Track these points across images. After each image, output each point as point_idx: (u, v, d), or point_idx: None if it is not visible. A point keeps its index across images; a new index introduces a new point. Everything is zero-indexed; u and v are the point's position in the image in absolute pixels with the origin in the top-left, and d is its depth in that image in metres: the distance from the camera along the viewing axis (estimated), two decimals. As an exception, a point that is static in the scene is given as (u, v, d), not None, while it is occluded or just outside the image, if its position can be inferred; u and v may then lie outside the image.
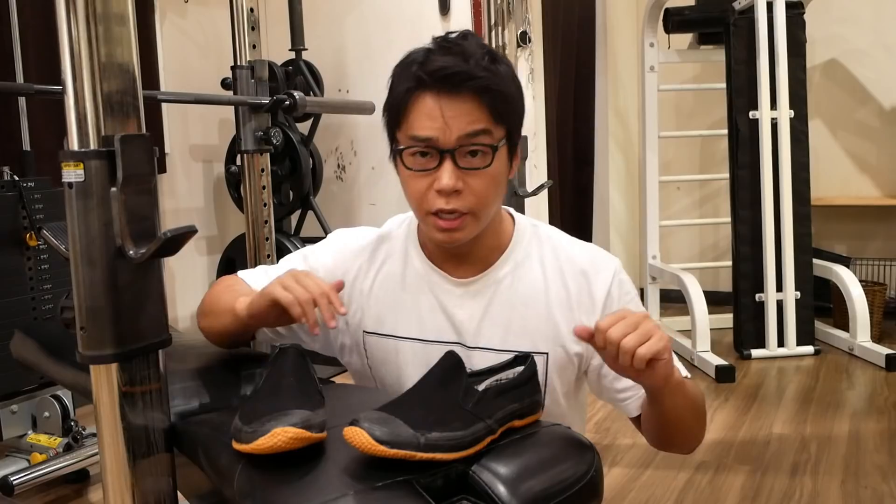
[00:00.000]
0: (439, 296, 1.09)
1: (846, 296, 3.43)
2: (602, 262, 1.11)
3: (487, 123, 0.98)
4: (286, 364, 0.91)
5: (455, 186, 0.98)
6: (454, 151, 0.98)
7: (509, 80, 1.01)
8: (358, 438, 0.76)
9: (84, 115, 0.84)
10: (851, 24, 4.06)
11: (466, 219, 1.01)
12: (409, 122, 1.00)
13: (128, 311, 0.86)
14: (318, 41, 3.64)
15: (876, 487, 2.13)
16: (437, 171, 0.99)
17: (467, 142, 0.98)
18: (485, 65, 0.98)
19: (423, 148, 0.99)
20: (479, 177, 0.99)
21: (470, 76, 0.96)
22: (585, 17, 4.24)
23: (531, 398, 0.90)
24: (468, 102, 0.97)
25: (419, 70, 0.98)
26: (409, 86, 0.99)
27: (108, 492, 0.90)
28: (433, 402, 0.82)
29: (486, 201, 1.01)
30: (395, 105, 1.01)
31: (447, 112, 0.97)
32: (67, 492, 2.25)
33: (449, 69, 0.96)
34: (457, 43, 1.00)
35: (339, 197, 3.77)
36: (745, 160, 3.51)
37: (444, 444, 0.77)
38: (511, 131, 1.03)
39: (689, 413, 1.05)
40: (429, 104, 0.98)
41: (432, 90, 0.97)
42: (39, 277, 2.26)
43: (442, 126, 0.97)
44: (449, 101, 0.97)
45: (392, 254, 1.14)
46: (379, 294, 1.12)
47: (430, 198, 1.00)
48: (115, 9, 0.85)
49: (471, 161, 0.99)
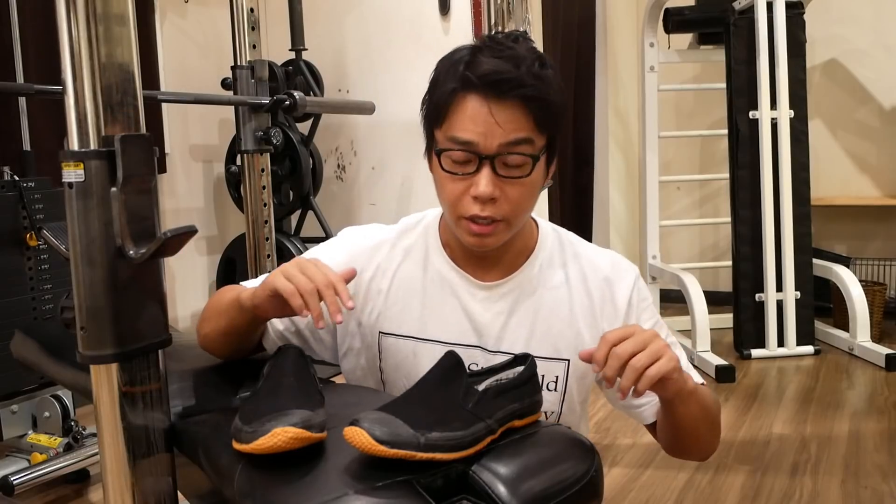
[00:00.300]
0: (462, 298, 1.07)
1: (846, 296, 3.43)
2: (623, 269, 1.12)
3: (531, 132, 0.96)
4: (286, 364, 0.91)
5: (492, 194, 0.96)
6: (494, 158, 0.95)
7: (556, 87, 0.98)
8: (358, 438, 0.75)
9: (84, 115, 0.84)
10: (851, 24, 4.06)
11: (500, 226, 0.99)
12: (450, 123, 0.97)
13: (128, 311, 0.86)
14: (318, 41, 3.64)
15: (876, 487, 2.13)
16: (475, 177, 0.96)
17: (509, 150, 0.95)
18: (535, 71, 0.95)
19: (462, 151, 0.96)
20: (517, 185, 0.97)
21: (520, 83, 0.94)
22: (585, 17, 4.24)
23: (531, 398, 0.90)
24: (514, 110, 0.94)
25: (467, 70, 0.95)
26: (455, 86, 0.96)
27: (109, 492, 0.90)
28: (433, 402, 0.82)
29: (520, 210, 1.00)
30: (437, 103, 0.98)
31: (492, 118, 0.94)
32: (67, 492, 2.25)
33: (500, 74, 0.93)
34: (508, 46, 0.97)
35: (339, 197, 3.77)
36: (745, 160, 3.51)
37: (443, 444, 0.77)
38: (552, 139, 1.01)
39: (704, 422, 1.04)
40: (473, 107, 0.95)
41: (479, 93, 0.94)
42: (39, 277, 2.26)
43: (485, 131, 0.94)
44: (495, 106, 0.94)
45: (411, 253, 1.11)
46: (398, 294, 1.09)
47: (466, 202, 0.98)
48: (115, 9, 0.85)
49: (510, 170, 0.96)
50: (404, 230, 1.14)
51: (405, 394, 0.85)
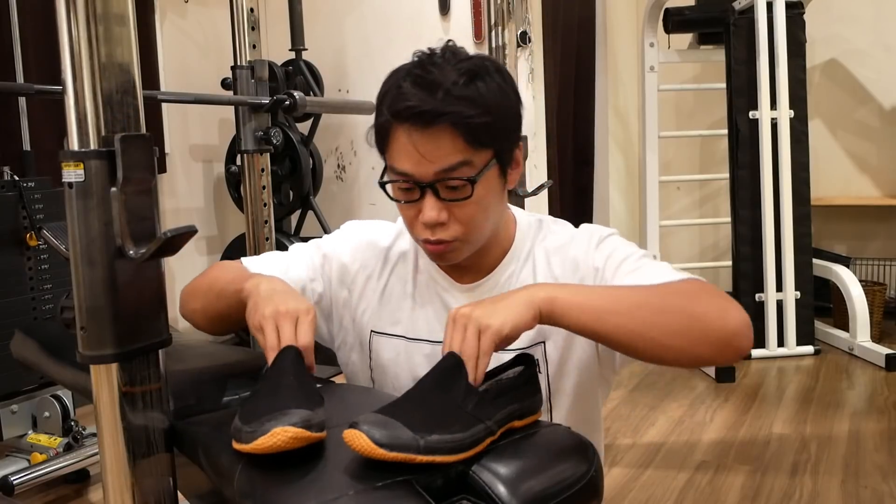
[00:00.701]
0: (445, 299, 1.10)
1: (846, 296, 3.43)
2: (584, 236, 1.08)
3: (465, 154, 0.95)
4: (286, 364, 0.91)
5: (438, 219, 0.97)
6: (434, 185, 0.96)
7: (492, 101, 0.95)
8: (357, 441, 0.75)
9: (84, 115, 0.84)
10: (851, 24, 4.06)
11: (455, 244, 1.00)
12: (389, 153, 0.99)
13: (128, 311, 0.86)
14: (318, 41, 3.64)
15: (876, 487, 2.13)
16: (420, 203, 0.98)
17: (445, 175, 0.95)
18: (458, 93, 0.92)
19: (403, 182, 0.98)
20: (464, 206, 0.98)
21: (439, 113, 0.92)
22: (585, 17, 4.25)
23: (531, 398, 0.90)
24: (442, 137, 0.93)
25: (390, 107, 0.96)
26: (385, 117, 0.97)
27: (108, 492, 0.90)
28: (433, 404, 0.82)
29: (473, 227, 1.00)
30: (377, 131, 1.00)
31: (420, 148, 0.94)
32: (68, 492, 2.25)
33: (416, 107, 0.92)
34: (429, 70, 0.95)
35: (339, 197, 3.77)
36: (745, 160, 3.51)
37: (443, 447, 0.77)
38: (500, 150, 0.99)
39: (644, 323, 0.88)
40: (402, 140, 0.95)
41: (404, 126, 0.95)
42: (39, 277, 2.26)
43: (417, 162, 0.95)
44: (421, 137, 0.93)
45: (404, 255, 1.14)
46: (391, 296, 1.12)
47: (419, 227, 1.00)
48: (115, 9, 0.85)
49: (452, 192, 0.97)
50: (401, 232, 1.16)
51: (404, 395, 0.85)
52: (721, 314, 0.89)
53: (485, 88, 0.95)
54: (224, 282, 1.06)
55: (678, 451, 2.44)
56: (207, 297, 1.10)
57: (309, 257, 1.15)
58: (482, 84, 0.95)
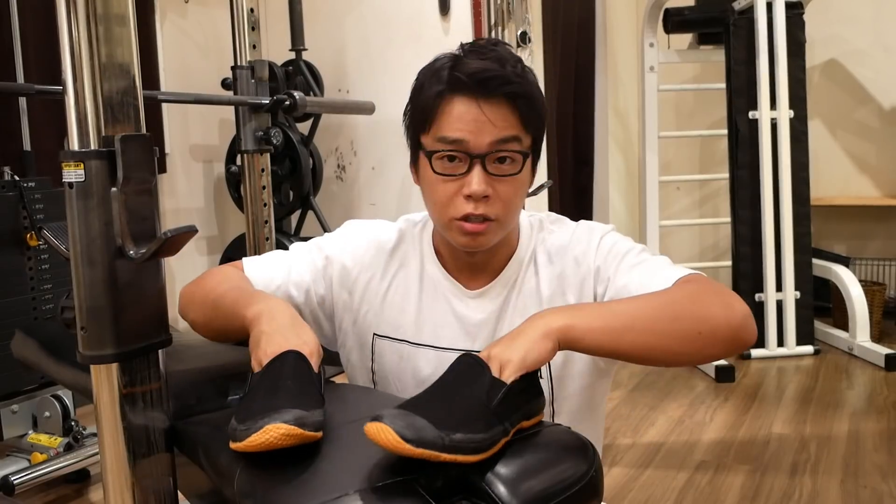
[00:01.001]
0: (453, 304, 1.09)
1: (846, 296, 3.43)
2: (583, 235, 1.08)
3: (518, 130, 0.98)
4: (285, 364, 0.91)
5: (486, 192, 0.97)
6: (485, 157, 0.97)
7: (537, 89, 1.01)
8: (383, 435, 0.73)
9: (84, 115, 0.84)
10: (851, 24, 4.06)
11: (492, 225, 1.00)
12: (438, 125, 0.98)
13: (128, 311, 0.86)
14: (318, 41, 3.64)
15: (875, 487, 2.13)
16: (467, 177, 0.98)
17: (499, 147, 0.97)
18: (518, 71, 0.98)
19: (452, 151, 0.97)
20: (508, 183, 0.99)
21: (507, 80, 0.96)
22: (585, 17, 4.24)
23: (536, 399, 0.90)
24: (502, 107, 0.96)
25: (454, 71, 0.97)
26: (441, 88, 0.98)
27: (109, 491, 0.90)
28: (455, 402, 0.80)
29: (512, 208, 1.01)
30: (422, 109, 1.00)
31: (481, 116, 0.96)
32: (68, 491, 2.25)
33: (487, 72, 0.95)
34: (490, 48, 0.99)
35: (339, 197, 3.77)
36: (744, 160, 3.51)
37: (466, 447, 0.76)
38: (537, 140, 1.02)
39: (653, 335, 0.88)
40: (461, 107, 0.96)
41: (467, 93, 0.96)
42: (40, 277, 2.26)
43: (475, 130, 0.96)
44: (484, 104, 0.96)
45: (408, 257, 1.13)
46: (394, 299, 1.11)
47: (458, 203, 0.99)
48: (116, 9, 0.85)
49: (501, 167, 0.98)
50: (404, 232, 1.15)
51: (424, 392, 0.84)
52: (726, 312, 0.91)
53: (533, 79, 1.01)
54: (225, 299, 1.03)
55: (678, 451, 2.44)
56: (204, 308, 1.08)
57: (311, 259, 1.14)
58: (531, 75, 1.01)
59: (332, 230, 1.21)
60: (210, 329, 1.09)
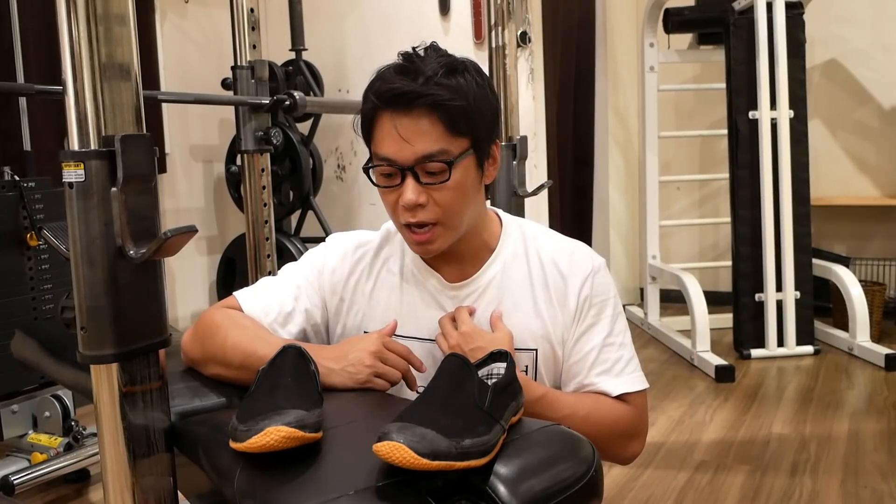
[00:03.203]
0: (435, 297, 1.13)
1: (846, 296, 3.43)
2: (579, 264, 1.13)
3: (444, 139, 1.00)
4: (285, 364, 0.91)
5: (417, 201, 1.02)
6: (413, 168, 1.01)
7: (470, 92, 1.01)
8: (399, 454, 0.72)
9: (84, 115, 0.84)
10: (851, 24, 4.06)
11: (437, 230, 1.04)
12: (373, 142, 1.05)
13: (128, 311, 0.86)
14: (318, 41, 3.64)
15: (875, 487, 2.13)
16: (401, 187, 1.02)
17: (424, 159, 1.00)
18: (437, 80, 0.99)
19: (385, 166, 1.03)
20: (441, 190, 1.02)
21: (418, 94, 0.98)
22: (585, 17, 4.25)
23: (520, 394, 0.91)
24: (422, 120, 0.99)
25: (374, 92, 1.02)
26: (369, 106, 1.03)
27: (109, 491, 0.90)
28: (452, 407, 0.80)
29: (452, 211, 1.04)
30: (363, 123, 1.06)
31: (402, 131, 1.00)
32: (68, 491, 2.25)
33: (397, 89, 0.99)
34: (412, 61, 1.02)
35: (339, 197, 3.77)
36: (744, 160, 3.51)
37: (475, 451, 0.76)
38: (477, 140, 1.04)
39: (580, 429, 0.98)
40: (385, 125, 1.01)
41: (387, 111, 1.01)
42: (40, 277, 2.26)
43: (399, 145, 1.00)
44: (402, 120, 1.00)
45: (392, 255, 1.18)
46: (380, 296, 1.15)
47: (400, 211, 1.04)
48: (116, 9, 0.85)
49: (431, 176, 1.02)
50: (388, 233, 1.20)
51: (419, 400, 0.84)
52: (618, 452, 1.12)
53: (463, 81, 1.02)
54: (238, 359, 1.04)
55: (678, 451, 2.44)
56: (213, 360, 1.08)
57: (305, 279, 1.16)
58: (461, 77, 1.02)
59: (332, 230, 1.23)
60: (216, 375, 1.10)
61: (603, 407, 1.09)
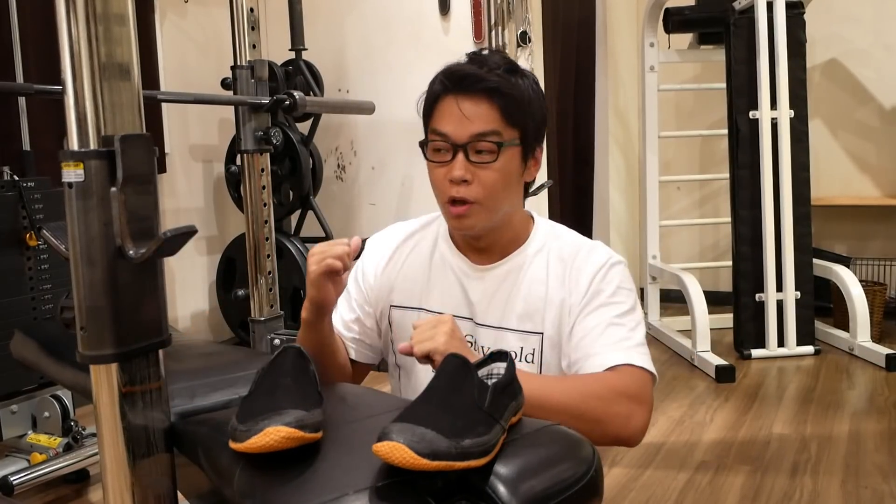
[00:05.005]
0: (459, 277, 1.22)
1: (846, 296, 3.43)
2: (597, 256, 1.20)
3: (497, 123, 1.11)
4: (285, 364, 0.91)
5: (464, 177, 1.11)
6: (466, 146, 1.11)
7: (526, 91, 1.13)
8: (399, 454, 0.72)
9: (84, 115, 0.84)
10: (851, 24, 4.06)
11: (475, 207, 1.13)
12: (433, 119, 1.15)
13: (128, 311, 0.86)
14: (318, 41, 3.64)
15: (876, 487, 2.13)
16: (452, 163, 1.12)
17: (477, 138, 1.11)
18: (499, 73, 1.12)
19: (440, 141, 1.13)
20: (487, 170, 1.12)
21: (482, 79, 1.10)
22: (585, 17, 4.24)
23: (520, 394, 0.91)
24: (480, 104, 1.11)
25: (444, 73, 1.14)
26: (435, 89, 1.15)
27: (108, 492, 0.90)
28: (452, 407, 0.80)
29: (493, 193, 1.13)
30: (425, 105, 1.17)
31: (462, 111, 1.11)
32: (67, 492, 2.25)
33: (465, 72, 1.12)
34: (482, 55, 1.15)
35: (339, 197, 3.77)
36: (745, 160, 3.51)
37: (475, 451, 0.76)
38: (525, 134, 1.14)
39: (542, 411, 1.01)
40: (447, 104, 1.13)
41: (451, 92, 1.12)
42: (39, 277, 2.26)
43: (457, 123, 1.11)
44: (464, 101, 1.11)
45: (423, 240, 1.28)
46: (408, 272, 1.26)
47: (446, 186, 1.13)
48: (115, 9, 0.85)
49: (480, 156, 1.12)
50: (423, 222, 1.31)
51: (419, 400, 0.84)
52: (623, 422, 1.07)
53: (521, 81, 1.15)
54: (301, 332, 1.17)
55: (678, 451, 2.44)
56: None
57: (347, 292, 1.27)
58: (520, 78, 1.15)
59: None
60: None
61: (602, 375, 1.11)
